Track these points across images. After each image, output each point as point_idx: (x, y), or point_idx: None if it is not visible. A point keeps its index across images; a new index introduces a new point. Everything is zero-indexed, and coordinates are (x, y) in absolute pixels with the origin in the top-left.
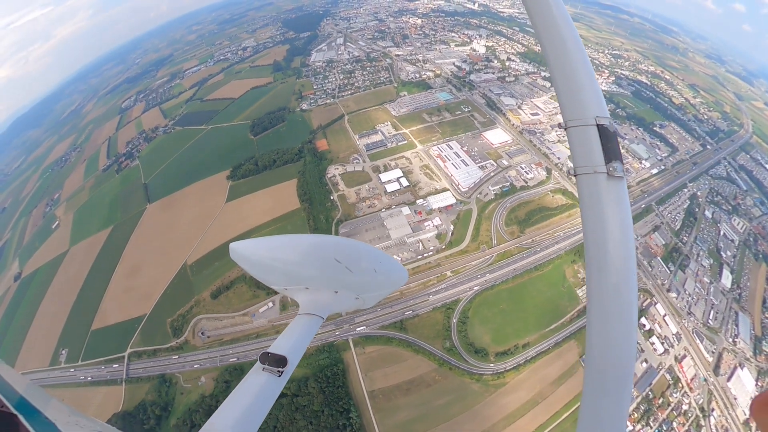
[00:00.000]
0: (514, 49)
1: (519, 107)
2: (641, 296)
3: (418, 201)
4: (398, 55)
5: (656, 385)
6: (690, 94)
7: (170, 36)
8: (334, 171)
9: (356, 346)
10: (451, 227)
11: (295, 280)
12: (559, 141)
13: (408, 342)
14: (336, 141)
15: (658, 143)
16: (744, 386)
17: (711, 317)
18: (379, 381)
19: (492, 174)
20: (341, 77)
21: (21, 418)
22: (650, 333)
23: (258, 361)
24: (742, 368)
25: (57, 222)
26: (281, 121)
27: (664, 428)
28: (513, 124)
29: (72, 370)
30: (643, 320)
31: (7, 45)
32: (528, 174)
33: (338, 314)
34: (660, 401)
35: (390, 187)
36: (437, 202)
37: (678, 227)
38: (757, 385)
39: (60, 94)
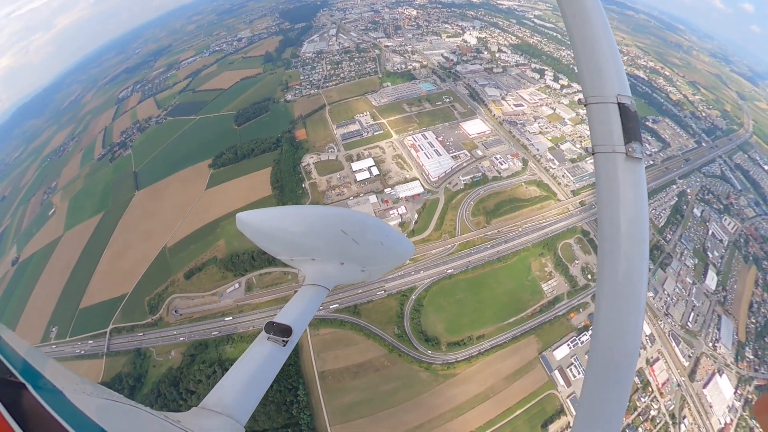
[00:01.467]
0: (508, 41)
1: (503, 98)
2: None
3: (386, 190)
4: (387, 46)
5: None
6: (689, 90)
7: (170, 26)
8: (308, 160)
9: (311, 328)
10: (416, 216)
11: (301, 251)
12: (540, 132)
13: (360, 326)
14: (315, 131)
15: (649, 138)
16: (722, 393)
17: (691, 319)
18: (330, 362)
19: (464, 164)
20: (328, 68)
21: (29, 387)
22: None
23: (263, 331)
24: (720, 375)
25: (53, 209)
26: (265, 111)
27: None
28: (494, 115)
29: (54, 346)
30: None
31: (8, 34)
32: (502, 165)
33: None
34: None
35: (360, 176)
36: (405, 191)
37: (662, 224)
38: (736, 393)
39: (61, 83)
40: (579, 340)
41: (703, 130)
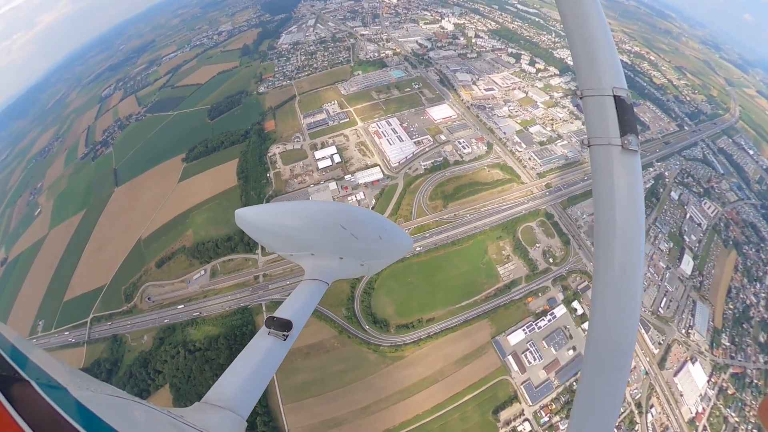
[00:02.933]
0: (487, 27)
1: (474, 83)
2: (577, 278)
3: (346, 177)
4: (363, 35)
5: None
6: (674, 75)
7: (155, 21)
8: (275, 150)
9: (267, 311)
10: (373, 201)
11: (301, 246)
12: (509, 116)
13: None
14: (283, 121)
15: None
16: (693, 381)
17: (663, 305)
18: None
19: (427, 149)
20: (302, 59)
21: (35, 384)
22: (583, 318)
23: (264, 325)
24: (693, 362)
25: (39, 209)
26: (237, 104)
27: None
28: (463, 100)
29: (40, 338)
30: (575, 304)
31: None
32: (465, 149)
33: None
34: None
35: (322, 164)
36: (364, 177)
37: None
38: (709, 381)
39: (46, 83)
40: (536, 325)
41: (686, 114)
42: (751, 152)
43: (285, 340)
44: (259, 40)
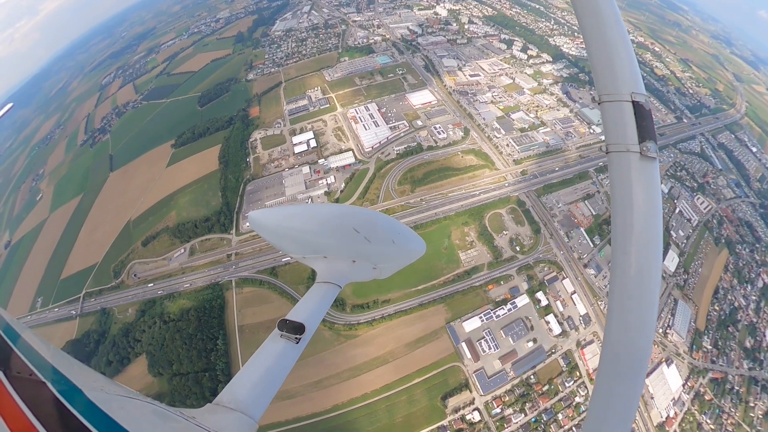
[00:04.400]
0: (483, 13)
1: (460, 69)
2: (545, 268)
3: (320, 161)
4: (355, 21)
5: (543, 370)
6: (678, 67)
7: (157, 7)
8: (256, 135)
9: (237, 287)
10: (343, 185)
11: (313, 249)
12: (492, 102)
13: (277, 286)
14: (268, 108)
15: None
16: (667, 384)
17: None
18: (249, 317)
19: (402, 134)
20: (293, 46)
21: (50, 385)
22: (547, 310)
23: (276, 328)
24: (668, 364)
25: (40, 194)
26: (226, 91)
27: (544, 418)
28: (446, 86)
29: (38, 313)
30: (539, 295)
31: None
32: (440, 134)
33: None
34: (545, 388)
35: (298, 149)
36: (336, 161)
37: None
38: (685, 385)
39: (49, 71)
40: (494, 314)
41: (686, 107)
42: (754, 149)
43: (297, 343)
44: (254, 27)
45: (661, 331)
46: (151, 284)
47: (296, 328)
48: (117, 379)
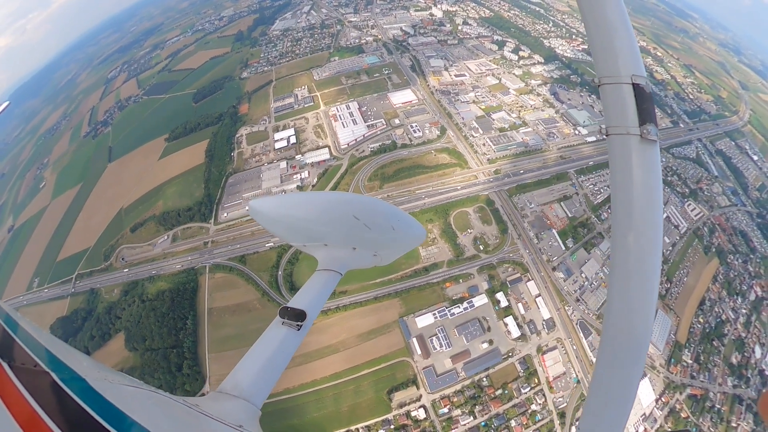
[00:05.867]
0: (479, 15)
1: (446, 69)
2: (509, 269)
3: (297, 156)
4: (351, 22)
5: (498, 374)
6: (680, 72)
7: (165, 3)
8: (242, 131)
9: (209, 272)
10: (315, 180)
11: (314, 237)
12: (474, 102)
13: (244, 273)
14: (256, 105)
15: None
16: (637, 398)
17: None
18: (218, 301)
19: (378, 132)
20: (288, 45)
21: (54, 375)
22: (507, 312)
23: (278, 315)
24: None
25: (44, 182)
26: (220, 89)
27: (495, 423)
28: (429, 85)
29: (34, 293)
30: (499, 295)
31: (5, 14)
32: (416, 133)
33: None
34: (498, 392)
35: (279, 144)
36: (312, 157)
37: (599, 201)
38: (659, 401)
39: (59, 63)
40: (449, 312)
41: (685, 112)
42: (755, 158)
43: (299, 330)
44: (254, 26)
45: None
46: (126, 270)
47: (298, 315)
48: (98, 352)
